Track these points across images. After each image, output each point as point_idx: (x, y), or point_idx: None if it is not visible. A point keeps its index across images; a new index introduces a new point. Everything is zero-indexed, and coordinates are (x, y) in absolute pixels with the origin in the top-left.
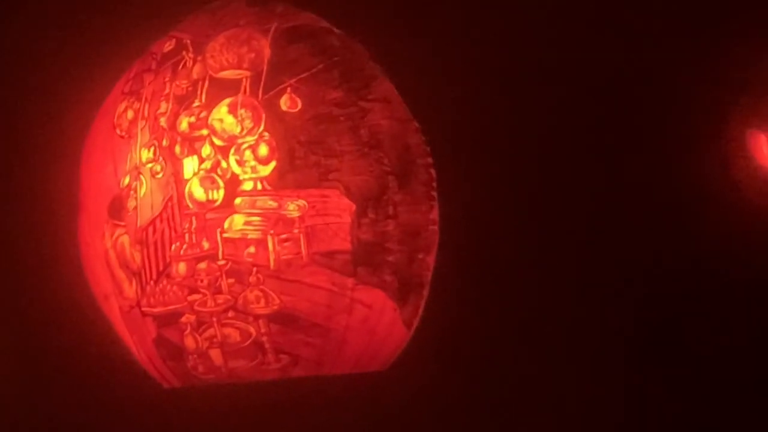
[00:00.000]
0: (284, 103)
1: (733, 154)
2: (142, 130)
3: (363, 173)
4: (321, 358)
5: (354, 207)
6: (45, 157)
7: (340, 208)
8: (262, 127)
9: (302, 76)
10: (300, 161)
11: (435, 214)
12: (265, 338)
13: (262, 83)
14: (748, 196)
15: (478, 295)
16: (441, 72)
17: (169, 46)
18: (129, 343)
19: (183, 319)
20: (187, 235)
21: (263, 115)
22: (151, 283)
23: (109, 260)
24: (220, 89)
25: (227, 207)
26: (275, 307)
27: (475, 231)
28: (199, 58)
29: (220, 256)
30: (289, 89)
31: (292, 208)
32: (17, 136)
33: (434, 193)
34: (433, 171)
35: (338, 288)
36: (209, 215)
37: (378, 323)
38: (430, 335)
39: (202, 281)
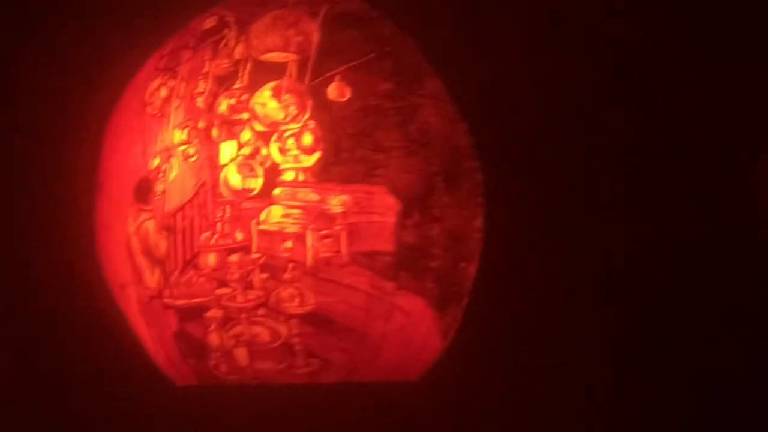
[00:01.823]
0: (332, 91)
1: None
2: (176, 109)
3: (410, 172)
4: (353, 365)
5: (399, 207)
6: (66, 134)
7: (385, 206)
8: (307, 115)
9: (352, 64)
10: (346, 154)
11: (480, 222)
12: (296, 340)
13: (309, 69)
14: None
15: (519, 309)
16: (491, 72)
17: (210, 22)
18: (144, 337)
19: (209, 313)
20: (219, 225)
21: (309, 103)
22: (176, 273)
23: (131, 246)
24: (264, 72)
25: (265, 197)
26: (310, 308)
27: (519, 242)
28: (242, 37)
29: (255, 249)
30: (337, 77)
31: (335, 203)
32: (39, 113)
33: (480, 199)
34: (480, 176)
35: (377, 291)
36: (245, 205)
37: (415, 332)
38: (464, 348)
39: (232, 274)
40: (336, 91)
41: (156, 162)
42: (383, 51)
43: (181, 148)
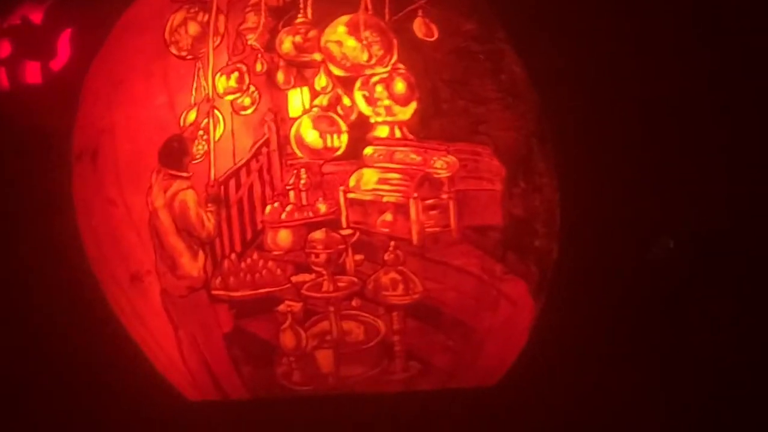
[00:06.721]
0: (418, 28)
1: None
2: (215, 49)
3: (509, 129)
4: (455, 368)
5: (504, 171)
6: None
7: (492, 171)
8: (395, 57)
9: None
10: (446, 105)
11: (557, 195)
12: (396, 338)
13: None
14: None
15: (598, 298)
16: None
17: None
18: (163, 342)
19: (281, 307)
20: (292, 193)
21: (395, 41)
22: (232, 256)
23: (158, 225)
24: (331, 3)
25: (353, 158)
26: (416, 296)
27: (594, 221)
28: None
29: (345, 224)
30: (420, 12)
31: (440, 165)
32: None
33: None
34: (550, 143)
35: (488, 276)
36: (326, 168)
37: (516, 325)
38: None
39: (317, 256)
40: (423, 28)
41: (192, 116)
42: None
43: (230, 97)
